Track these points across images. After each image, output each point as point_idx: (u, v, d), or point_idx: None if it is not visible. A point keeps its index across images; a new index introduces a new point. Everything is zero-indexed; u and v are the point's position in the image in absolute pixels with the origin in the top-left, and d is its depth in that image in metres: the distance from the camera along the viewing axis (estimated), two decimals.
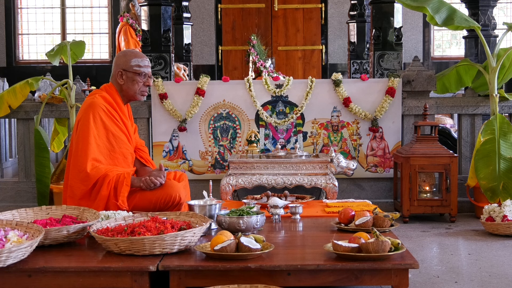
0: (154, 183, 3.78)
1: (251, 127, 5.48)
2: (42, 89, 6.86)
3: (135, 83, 3.92)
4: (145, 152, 4.15)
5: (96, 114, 3.82)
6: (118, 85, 3.94)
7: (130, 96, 3.98)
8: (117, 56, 4.02)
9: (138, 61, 3.92)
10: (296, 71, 9.96)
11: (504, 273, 3.65)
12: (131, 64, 3.90)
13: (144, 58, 3.98)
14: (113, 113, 3.90)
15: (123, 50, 4.08)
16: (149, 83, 3.97)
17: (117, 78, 3.93)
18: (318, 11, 10.03)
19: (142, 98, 4.03)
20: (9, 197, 5.69)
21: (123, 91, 3.95)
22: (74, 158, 3.81)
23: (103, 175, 3.73)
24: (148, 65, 3.98)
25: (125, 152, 3.93)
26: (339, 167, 4.74)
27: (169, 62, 5.91)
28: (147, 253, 2.90)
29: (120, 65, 3.93)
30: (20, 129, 5.73)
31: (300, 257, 3.01)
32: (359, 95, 5.46)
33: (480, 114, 5.61)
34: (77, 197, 3.73)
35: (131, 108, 4.16)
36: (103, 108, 3.85)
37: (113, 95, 3.94)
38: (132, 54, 3.98)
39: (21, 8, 10.57)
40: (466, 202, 5.37)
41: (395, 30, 5.96)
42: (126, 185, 3.72)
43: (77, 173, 3.76)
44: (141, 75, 3.92)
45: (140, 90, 3.95)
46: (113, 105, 3.91)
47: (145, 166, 4.09)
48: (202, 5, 10.00)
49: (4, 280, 2.81)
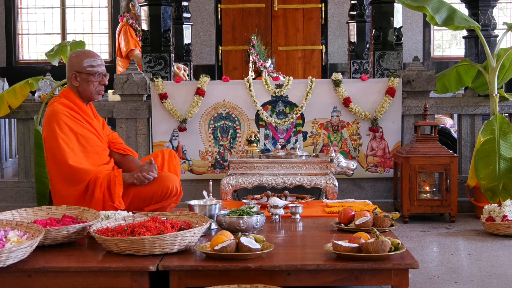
0: (147, 178, 3.78)
1: (251, 127, 5.48)
2: (42, 89, 6.84)
3: (90, 83, 3.88)
4: (121, 143, 4.11)
5: (60, 120, 3.79)
6: (75, 88, 3.91)
7: (87, 97, 3.94)
8: (69, 57, 3.96)
9: (90, 61, 3.87)
10: (296, 71, 9.95)
11: (504, 273, 3.65)
12: (84, 65, 3.86)
13: (96, 57, 3.91)
14: (76, 115, 3.86)
15: (75, 51, 4.03)
16: (104, 82, 3.92)
17: (72, 81, 3.89)
18: (318, 11, 10.02)
19: (100, 97, 3.99)
20: (9, 197, 5.69)
21: (80, 92, 3.91)
22: (55, 168, 3.78)
23: (94, 178, 3.71)
24: (102, 64, 3.92)
25: (98, 149, 3.91)
26: (339, 167, 4.74)
27: (169, 62, 5.91)
28: (147, 253, 2.90)
29: (73, 67, 3.88)
30: (20, 129, 5.74)
31: (300, 257, 3.01)
32: (359, 95, 5.46)
33: (480, 114, 5.61)
34: (70, 204, 3.69)
35: (94, 106, 4.13)
36: (64, 113, 3.81)
37: (72, 99, 3.90)
38: (84, 55, 3.92)
39: (21, 8, 10.56)
40: (466, 202, 5.37)
41: (395, 30, 5.95)
42: (119, 184, 3.72)
43: (64, 181, 3.75)
44: (95, 75, 3.87)
45: (96, 89, 3.91)
46: (74, 108, 3.87)
47: (126, 156, 4.04)
48: (202, 5, 9.99)
49: (4, 280, 2.81)
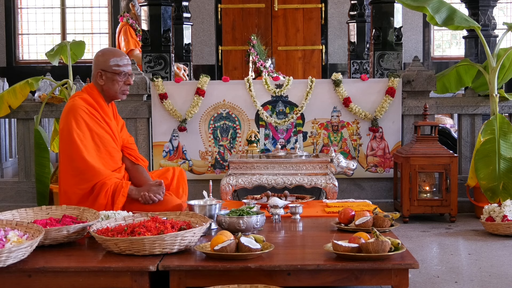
0: (152, 200, 3.76)
1: (251, 127, 5.48)
2: (42, 89, 6.85)
3: (115, 83, 3.85)
4: (134, 150, 4.08)
5: (77, 116, 3.77)
6: (99, 86, 3.89)
7: (112, 96, 3.92)
8: (96, 56, 3.95)
9: (117, 61, 3.85)
10: (296, 71, 9.95)
11: (504, 273, 3.65)
12: (110, 64, 3.84)
13: (123, 57, 3.89)
14: (95, 113, 3.85)
15: (101, 49, 4.01)
16: (129, 81, 3.90)
17: (97, 79, 3.88)
18: (318, 11, 10.02)
19: (124, 97, 3.97)
20: (9, 197, 5.69)
21: (104, 91, 3.90)
22: (66, 163, 3.78)
23: (101, 183, 3.70)
24: (128, 64, 3.90)
25: (111, 150, 3.89)
26: (339, 167, 4.74)
27: (169, 62, 5.91)
28: (147, 253, 2.90)
29: (99, 66, 3.86)
30: (20, 129, 5.73)
31: (300, 257, 3.01)
32: (359, 95, 5.46)
33: (480, 114, 5.61)
34: (73, 202, 3.71)
35: (115, 106, 4.11)
36: (84, 109, 3.80)
37: (94, 96, 3.88)
38: (111, 54, 3.90)
39: (21, 8, 10.56)
40: (466, 202, 5.37)
41: (395, 30, 5.95)
42: (122, 196, 3.71)
43: (72, 177, 3.74)
44: (121, 75, 3.85)
45: (121, 89, 3.89)
46: (95, 106, 3.86)
47: (136, 165, 4.03)
48: (202, 5, 9.99)
49: (4, 280, 2.81)
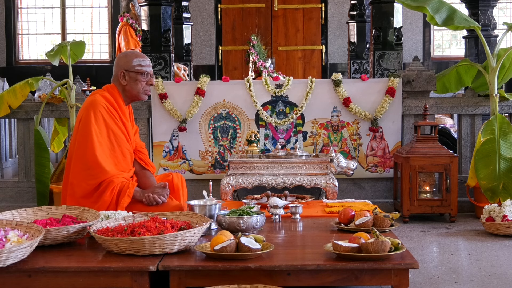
0: (156, 201, 3.79)
1: (251, 127, 5.48)
2: (42, 89, 6.86)
3: (138, 82, 3.94)
4: (145, 154, 4.14)
5: (97, 111, 3.84)
6: (121, 86, 3.96)
7: (134, 96, 3.99)
8: (118, 57, 4.05)
9: (139, 61, 3.95)
10: (296, 71, 9.96)
11: (504, 273, 3.65)
12: (133, 64, 3.93)
13: (145, 58, 4.02)
14: (114, 112, 3.91)
15: (123, 51, 4.09)
16: (152, 82, 4.00)
17: (119, 79, 3.95)
18: (318, 11, 10.03)
19: (146, 98, 4.06)
20: (9, 197, 5.69)
21: (126, 91, 3.97)
22: (78, 155, 3.80)
23: (109, 180, 3.73)
24: (150, 64, 4.02)
25: (125, 151, 3.93)
26: (339, 167, 4.74)
27: (169, 62, 5.91)
28: (147, 253, 2.90)
29: (122, 66, 3.95)
30: (20, 129, 5.73)
31: (300, 257, 3.01)
32: (359, 95, 5.46)
33: (480, 114, 5.61)
34: (77, 195, 3.73)
35: (132, 110, 4.17)
36: (104, 106, 3.87)
37: (115, 96, 3.95)
38: (133, 55, 4.02)
39: (21, 8, 10.57)
40: (466, 202, 5.37)
41: (395, 30, 5.95)
42: (127, 196, 3.74)
43: (81, 170, 3.76)
44: (144, 75, 3.95)
45: (144, 89, 3.98)
46: (114, 105, 3.93)
47: (145, 170, 4.07)
48: (202, 5, 10.00)
49: (4, 280, 2.81)
